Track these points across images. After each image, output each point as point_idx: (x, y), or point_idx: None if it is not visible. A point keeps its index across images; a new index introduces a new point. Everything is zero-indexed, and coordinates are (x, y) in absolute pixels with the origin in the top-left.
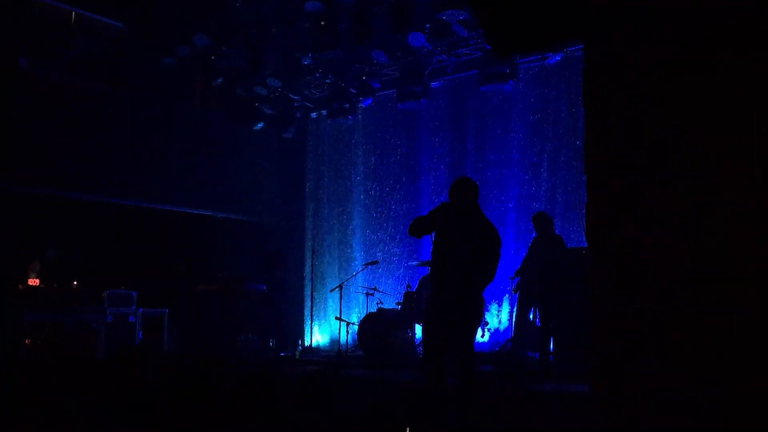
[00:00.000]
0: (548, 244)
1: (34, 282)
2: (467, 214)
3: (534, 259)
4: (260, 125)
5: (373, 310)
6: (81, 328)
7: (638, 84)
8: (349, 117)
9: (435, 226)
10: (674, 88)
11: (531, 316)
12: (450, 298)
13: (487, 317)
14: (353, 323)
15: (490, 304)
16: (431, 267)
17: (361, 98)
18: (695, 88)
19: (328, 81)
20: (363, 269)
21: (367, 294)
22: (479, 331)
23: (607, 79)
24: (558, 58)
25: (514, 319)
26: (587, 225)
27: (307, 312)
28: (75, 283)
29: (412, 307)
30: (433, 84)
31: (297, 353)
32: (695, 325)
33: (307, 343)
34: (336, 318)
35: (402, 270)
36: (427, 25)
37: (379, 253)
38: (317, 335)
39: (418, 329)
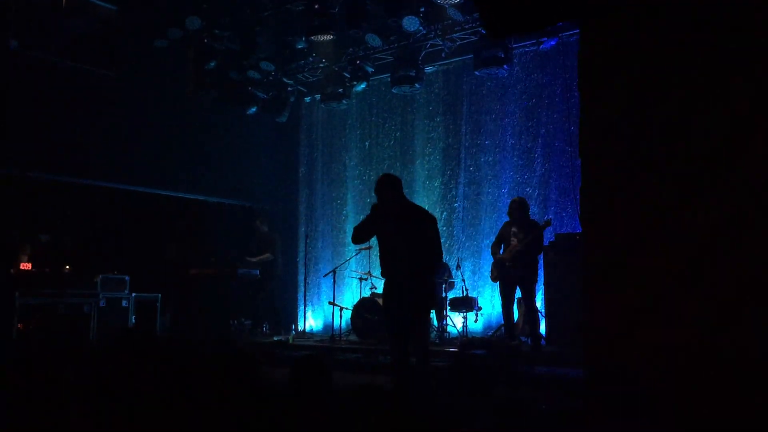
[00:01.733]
0: (526, 228)
1: (26, 266)
2: (397, 208)
3: (510, 243)
4: (253, 109)
5: (367, 295)
6: (74, 313)
7: (634, 68)
8: (343, 101)
9: (375, 228)
10: (671, 72)
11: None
12: (404, 287)
13: (481, 302)
14: (347, 308)
15: (484, 289)
16: (381, 262)
17: (355, 82)
18: (693, 73)
19: (322, 65)
20: (356, 254)
21: (361, 279)
22: (473, 316)
23: (603, 62)
24: (553, 42)
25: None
26: (581, 209)
27: (300, 297)
28: (68, 267)
29: None
30: (428, 68)
31: (290, 338)
32: (685, 306)
33: (300, 328)
34: (329, 303)
35: None
36: (422, 9)
37: (372, 239)
38: (311, 320)
39: None
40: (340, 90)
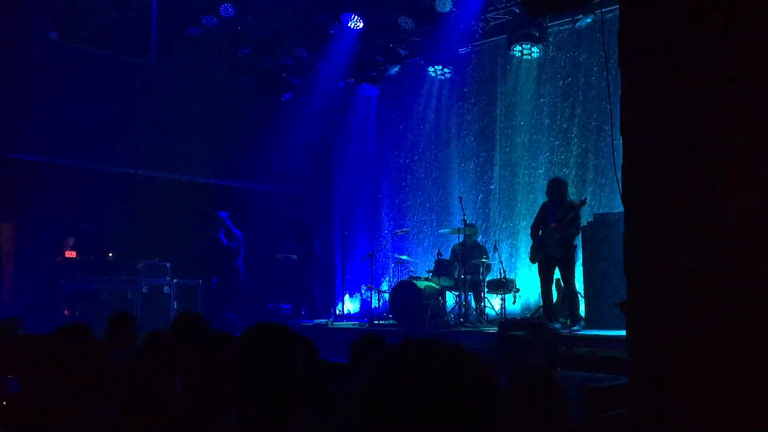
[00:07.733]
0: (564, 208)
1: (71, 254)
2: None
3: (548, 224)
4: (288, 95)
5: (404, 278)
6: (117, 299)
7: (677, 43)
8: (377, 85)
9: None
10: (716, 46)
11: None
12: None
13: (519, 284)
14: (384, 291)
15: (521, 270)
16: None
17: (388, 66)
18: (740, 48)
19: (355, 49)
20: (393, 237)
21: (398, 262)
22: (511, 298)
23: (644, 38)
24: (588, 20)
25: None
26: (623, 188)
27: (338, 280)
28: (111, 254)
29: (443, 274)
30: (461, 50)
31: (329, 321)
32: (731, 287)
33: (338, 312)
34: (367, 286)
35: (432, 238)
36: None
37: (408, 222)
38: (348, 304)
39: (449, 296)
40: (374, 74)
